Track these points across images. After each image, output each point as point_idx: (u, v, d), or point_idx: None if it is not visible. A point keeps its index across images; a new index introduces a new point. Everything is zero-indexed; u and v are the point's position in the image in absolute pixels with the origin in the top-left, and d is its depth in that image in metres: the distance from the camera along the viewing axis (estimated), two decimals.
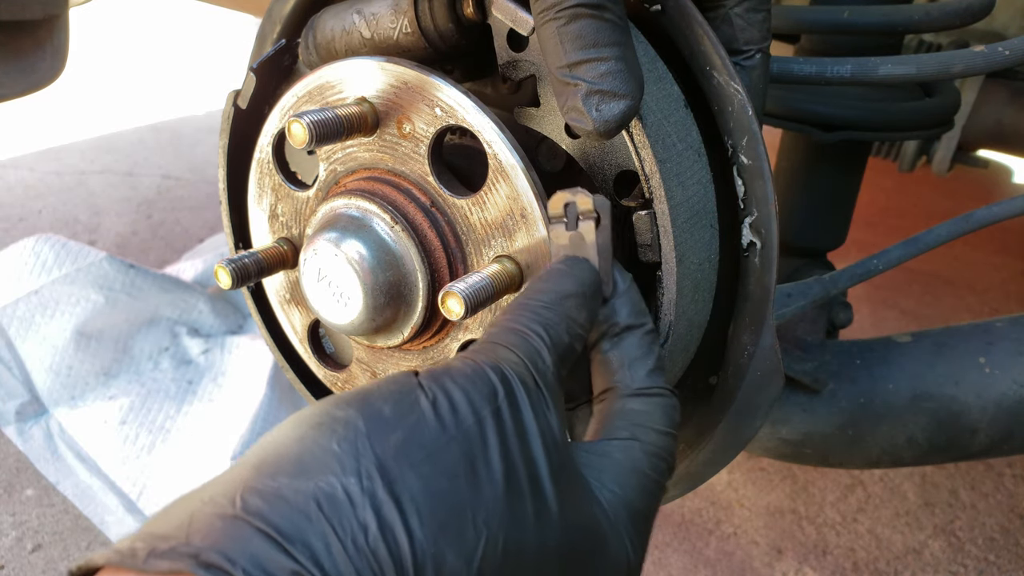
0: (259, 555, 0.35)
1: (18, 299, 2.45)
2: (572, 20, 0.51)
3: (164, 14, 8.06)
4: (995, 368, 1.11)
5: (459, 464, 0.42)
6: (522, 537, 0.43)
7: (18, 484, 2.16)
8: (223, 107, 0.76)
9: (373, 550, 0.37)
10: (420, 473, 0.40)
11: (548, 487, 0.45)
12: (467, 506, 0.41)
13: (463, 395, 0.45)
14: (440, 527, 0.39)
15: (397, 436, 0.42)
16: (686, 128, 0.64)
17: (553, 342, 0.51)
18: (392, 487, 0.39)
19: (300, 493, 0.38)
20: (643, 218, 0.59)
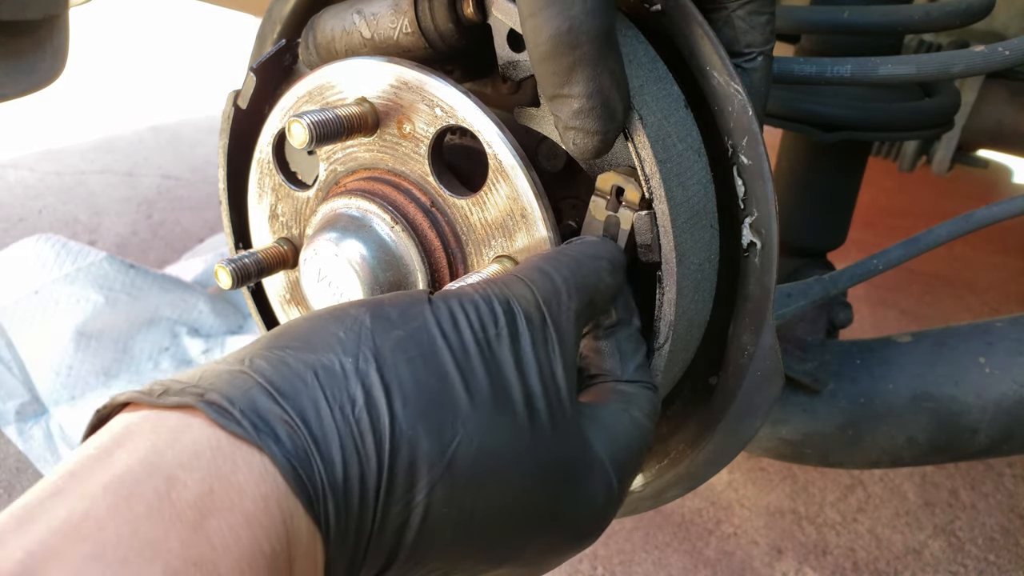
0: (256, 402, 0.40)
1: (18, 299, 2.45)
2: (550, 58, 0.53)
3: (164, 14, 8.06)
4: (995, 368, 1.11)
5: (449, 369, 0.45)
6: (498, 446, 0.46)
7: (18, 484, 2.16)
8: (223, 107, 0.76)
9: (357, 419, 0.41)
10: (412, 367, 0.44)
11: (534, 411, 0.48)
12: (449, 405, 0.44)
13: (464, 315, 0.48)
14: (420, 415, 0.43)
15: (398, 333, 0.46)
16: (686, 128, 0.64)
17: (577, 290, 0.53)
18: (383, 372, 0.43)
19: (301, 362, 0.42)
20: (643, 218, 0.59)
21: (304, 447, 0.39)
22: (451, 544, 0.45)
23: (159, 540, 0.33)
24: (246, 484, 0.37)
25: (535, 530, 0.49)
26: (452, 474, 0.43)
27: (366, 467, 0.40)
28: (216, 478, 0.36)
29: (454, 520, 0.44)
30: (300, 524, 0.38)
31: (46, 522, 0.33)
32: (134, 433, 0.38)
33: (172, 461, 0.36)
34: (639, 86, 0.61)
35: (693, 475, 0.75)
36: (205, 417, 0.38)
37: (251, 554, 0.35)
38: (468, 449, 0.44)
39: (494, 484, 0.46)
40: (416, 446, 0.42)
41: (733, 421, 0.70)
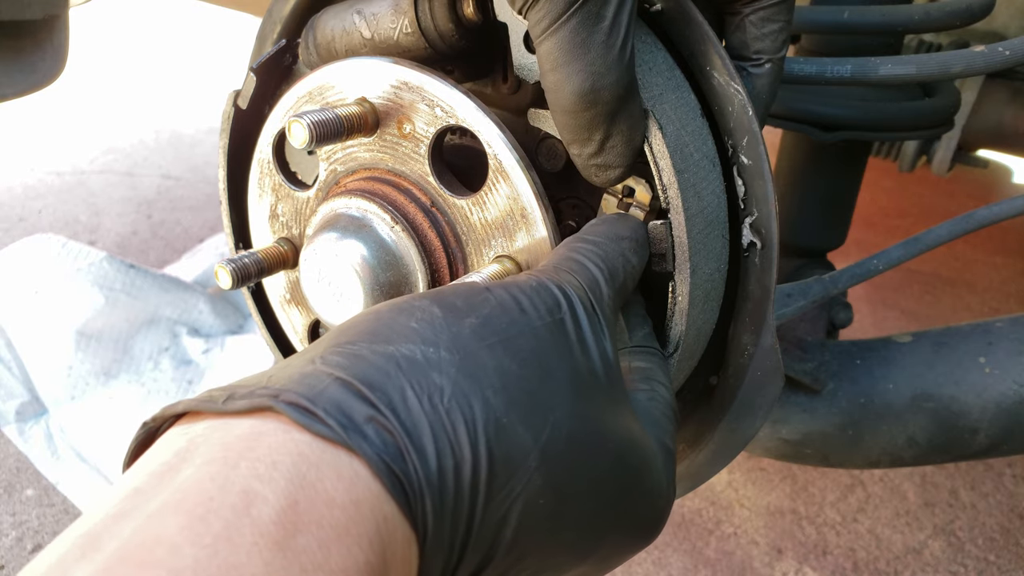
0: (338, 399, 0.36)
1: (18, 299, 2.45)
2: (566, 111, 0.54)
3: (164, 14, 8.06)
4: (995, 368, 1.11)
5: (529, 354, 0.44)
6: (582, 431, 0.44)
7: (18, 484, 2.16)
8: (223, 107, 0.76)
9: (447, 409, 0.38)
10: (494, 353, 0.42)
11: (604, 394, 0.47)
12: (536, 390, 0.42)
13: (529, 300, 0.47)
14: (511, 403, 0.41)
15: (471, 320, 0.43)
16: (702, 137, 0.64)
17: (611, 274, 0.53)
18: (468, 359, 0.41)
19: (379, 354, 0.39)
20: (659, 228, 0.59)
21: (396, 443, 0.36)
22: (546, 538, 0.43)
23: (241, 564, 0.29)
24: (335, 492, 0.33)
25: (613, 519, 0.48)
26: (547, 463, 0.41)
27: (460, 460, 0.37)
28: (300, 488, 0.32)
29: (550, 511, 0.42)
30: (396, 529, 0.35)
31: (113, 549, 0.29)
32: (200, 445, 0.34)
33: (247, 473, 0.32)
34: (659, 94, 0.61)
35: (693, 475, 0.75)
36: (281, 420, 0.35)
37: (344, 570, 0.32)
38: (559, 435, 0.43)
39: (582, 470, 0.44)
40: (512, 435, 0.40)
41: (733, 421, 0.70)
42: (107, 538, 0.30)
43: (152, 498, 0.31)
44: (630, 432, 0.49)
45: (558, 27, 0.51)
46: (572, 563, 0.47)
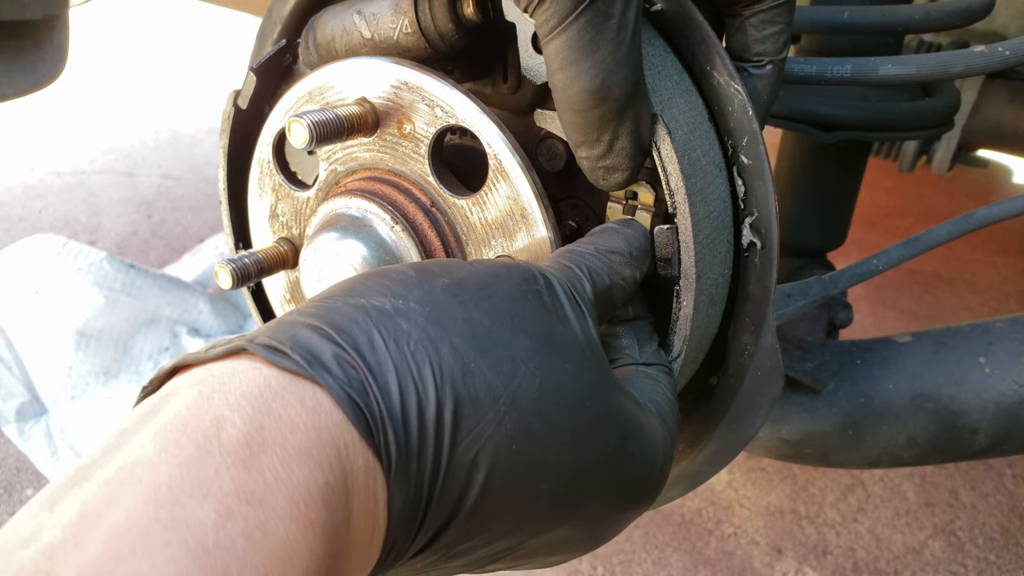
0: (306, 340, 0.39)
1: (18, 299, 2.45)
2: (574, 110, 0.54)
3: (164, 14, 8.06)
4: (995, 368, 1.11)
5: (501, 312, 0.45)
6: (560, 384, 0.45)
7: (18, 484, 2.16)
8: (223, 107, 0.76)
9: (412, 352, 0.40)
10: (465, 307, 0.44)
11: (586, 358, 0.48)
12: (507, 343, 0.44)
13: (506, 270, 0.48)
14: (479, 350, 0.42)
15: (444, 280, 0.46)
16: (710, 142, 0.64)
17: (592, 278, 0.54)
18: (436, 310, 0.43)
19: (350, 305, 0.42)
20: (665, 232, 0.59)
21: (359, 377, 0.38)
22: (523, 487, 0.43)
23: (210, 479, 0.32)
24: (298, 418, 0.36)
25: (599, 481, 0.48)
26: (518, 408, 0.42)
27: (424, 398, 0.39)
28: (266, 415, 0.35)
29: (526, 461, 0.43)
30: (358, 456, 0.37)
31: (100, 475, 0.33)
32: (181, 387, 0.37)
33: (219, 402, 0.36)
34: (667, 99, 0.61)
35: (693, 475, 0.75)
36: (254, 359, 0.38)
37: (305, 488, 0.34)
38: (531, 383, 0.43)
39: (560, 422, 0.44)
40: (479, 378, 0.41)
41: (733, 421, 0.70)
42: (94, 468, 0.34)
43: (136, 432, 0.35)
44: (618, 397, 0.49)
45: (567, 26, 0.51)
46: (553, 519, 0.47)
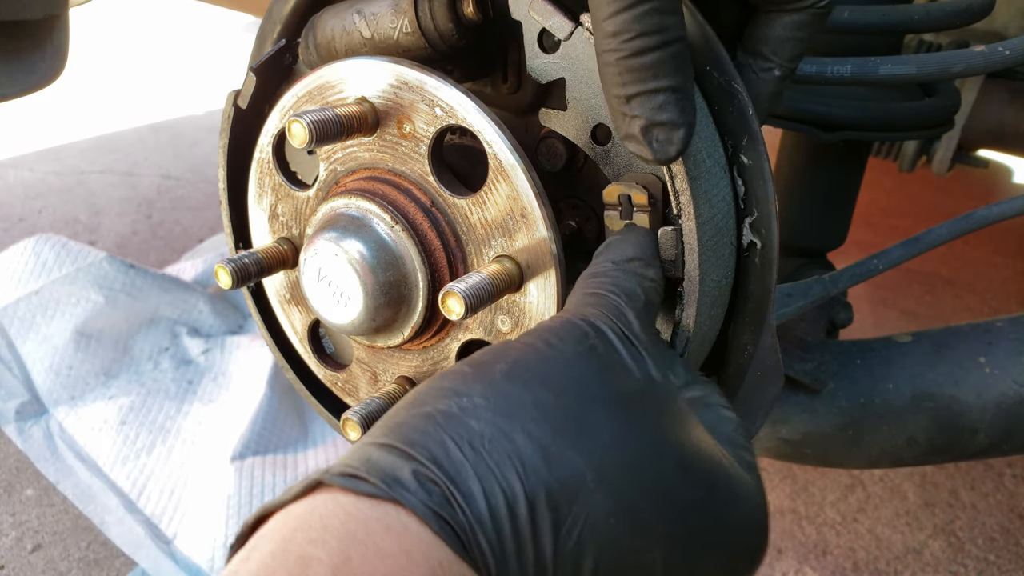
0: (381, 461, 0.38)
1: (19, 299, 2.45)
2: (633, 55, 0.50)
3: (164, 14, 8.06)
4: (995, 368, 1.11)
5: (565, 382, 0.44)
6: (645, 446, 0.43)
7: (18, 484, 2.16)
8: (223, 107, 0.76)
9: (489, 450, 0.39)
10: (529, 388, 0.43)
11: (660, 414, 0.46)
12: (580, 415, 0.42)
13: (556, 336, 0.47)
14: (556, 431, 0.41)
15: (501, 367, 0.44)
16: (714, 144, 0.63)
17: (629, 298, 0.53)
18: (502, 400, 0.41)
19: (416, 416, 0.41)
20: (669, 234, 0.59)
21: (440, 491, 0.37)
22: (631, 561, 0.42)
23: None
24: (384, 544, 0.34)
25: (705, 536, 0.46)
26: (607, 480, 0.41)
27: (512, 497, 0.38)
28: (351, 545, 0.34)
29: (628, 532, 0.41)
30: (455, 573, 0.36)
31: None
32: (264, 536, 0.36)
33: (302, 541, 0.34)
34: None
35: None
36: (332, 491, 0.37)
37: None
38: (615, 453, 0.42)
39: (652, 485, 0.43)
40: (560, 460, 0.40)
41: None
42: None
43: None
44: (703, 447, 0.48)
45: None
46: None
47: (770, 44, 0.64)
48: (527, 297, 0.62)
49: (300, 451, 2.26)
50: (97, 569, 1.93)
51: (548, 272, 0.60)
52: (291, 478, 2.11)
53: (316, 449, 2.28)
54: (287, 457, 2.22)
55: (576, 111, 0.62)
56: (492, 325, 0.65)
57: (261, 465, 2.13)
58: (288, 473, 2.13)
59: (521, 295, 0.62)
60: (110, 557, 1.96)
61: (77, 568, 1.93)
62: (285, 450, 2.25)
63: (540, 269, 0.60)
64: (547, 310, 0.61)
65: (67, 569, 1.93)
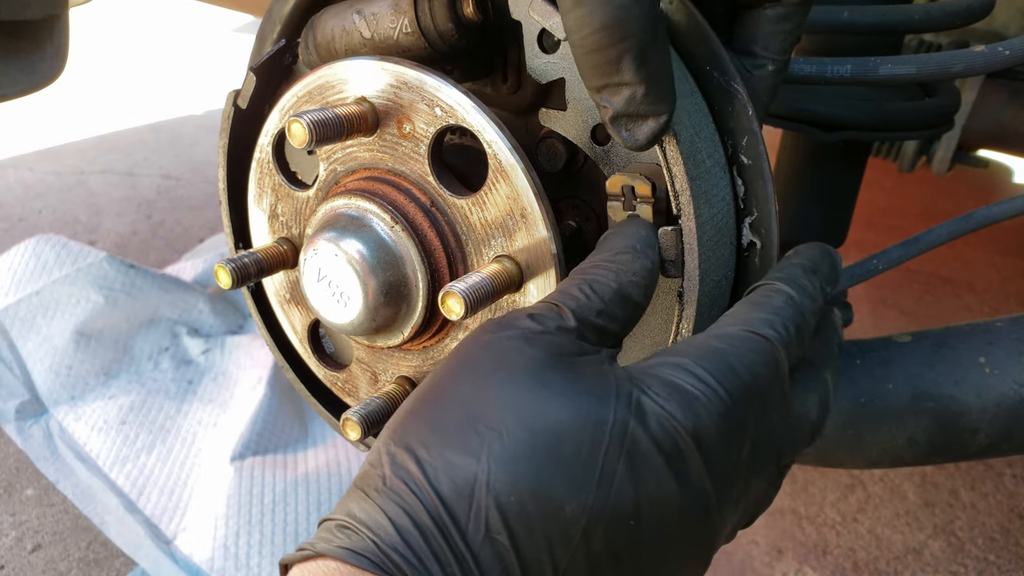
0: (317, 535, 0.48)
1: (20, 300, 2.45)
2: (592, 51, 0.52)
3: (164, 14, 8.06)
4: (995, 368, 1.11)
5: (451, 393, 0.49)
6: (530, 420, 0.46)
7: (18, 484, 2.16)
8: (223, 107, 0.76)
9: (390, 487, 0.47)
10: (421, 419, 0.49)
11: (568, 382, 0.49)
12: (466, 418, 0.47)
13: (458, 347, 0.52)
14: (444, 443, 0.47)
15: (406, 406, 0.51)
16: (715, 144, 0.63)
17: (595, 291, 0.54)
18: (401, 440, 0.48)
19: (353, 484, 0.50)
20: (669, 234, 0.59)
21: (354, 535, 0.46)
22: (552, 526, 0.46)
23: None
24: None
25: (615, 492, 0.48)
26: (500, 464, 0.45)
27: (414, 512, 0.45)
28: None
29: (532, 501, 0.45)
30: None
31: None
32: None
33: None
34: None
35: None
36: (295, 564, 0.47)
37: None
38: (506, 437, 0.46)
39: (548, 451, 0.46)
40: (449, 470, 0.45)
41: None
42: None
43: None
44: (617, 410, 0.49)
45: None
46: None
47: (759, 40, 0.65)
48: (527, 297, 0.62)
49: (300, 451, 2.26)
50: (97, 569, 1.93)
51: (548, 272, 0.60)
52: (291, 478, 2.11)
53: (316, 449, 2.28)
54: (287, 457, 2.22)
55: (576, 111, 0.62)
56: None
57: (261, 465, 2.13)
58: (288, 473, 2.13)
59: (521, 295, 0.62)
60: (110, 557, 1.96)
61: (77, 568, 1.93)
62: (285, 450, 2.25)
63: (540, 269, 0.60)
64: None
65: (67, 569, 1.93)
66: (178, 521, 2.03)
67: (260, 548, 1.93)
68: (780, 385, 0.54)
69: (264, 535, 1.95)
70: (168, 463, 2.20)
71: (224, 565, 1.89)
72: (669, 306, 0.63)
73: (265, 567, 1.90)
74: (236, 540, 1.94)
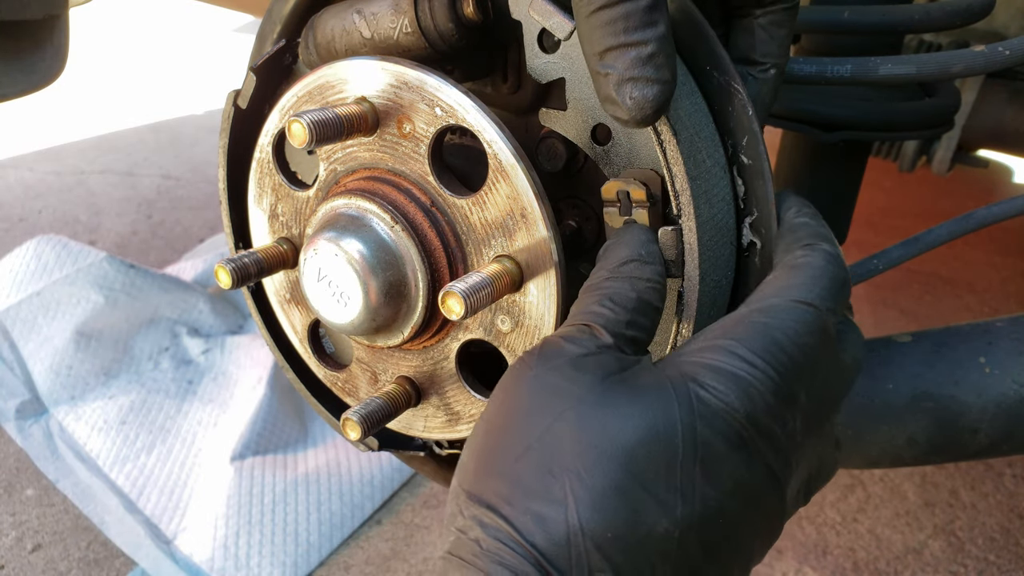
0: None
1: (21, 301, 2.45)
2: (603, 7, 0.51)
3: (164, 14, 8.06)
4: (995, 368, 1.11)
5: (515, 442, 0.49)
6: (602, 451, 0.47)
7: (18, 484, 2.16)
8: (223, 107, 0.76)
9: (488, 550, 0.46)
10: (492, 474, 0.49)
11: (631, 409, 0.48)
12: (538, 465, 0.47)
13: (503, 390, 0.52)
14: (526, 496, 0.47)
15: (471, 464, 0.51)
16: (715, 144, 0.63)
17: (617, 303, 0.54)
18: (480, 500, 0.49)
19: (441, 559, 0.49)
20: (669, 234, 0.59)
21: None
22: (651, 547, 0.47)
23: None
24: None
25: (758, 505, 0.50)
26: (588, 506, 0.46)
27: (522, 571, 0.45)
28: None
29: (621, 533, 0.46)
30: None
31: None
32: None
33: None
34: (673, 100, 0.60)
35: None
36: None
37: None
38: (585, 476, 0.46)
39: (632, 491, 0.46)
40: (541, 523, 0.46)
41: None
42: None
43: None
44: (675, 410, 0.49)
45: None
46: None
47: (758, 48, 0.66)
48: (527, 297, 0.62)
49: (300, 451, 2.26)
50: (97, 569, 1.93)
51: (548, 272, 0.60)
52: (291, 478, 2.11)
53: (316, 449, 2.28)
54: (287, 457, 2.22)
55: (576, 111, 0.62)
56: (492, 325, 0.65)
57: (261, 465, 2.13)
58: (288, 473, 2.13)
59: (521, 295, 0.62)
60: (110, 557, 1.96)
61: (77, 568, 1.93)
62: (285, 450, 2.25)
63: (540, 269, 0.60)
64: (547, 310, 0.61)
65: (67, 569, 1.93)
66: (178, 521, 2.03)
67: (260, 548, 1.93)
68: (829, 348, 0.54)
69: (264, 535, 1.95)
70: (168, 463, 2.20)
71: (224, 565, 1.89)
72: (669, 306, 0.63)
73: (265, 567, 1.90)
74: (236, 540, 1.94)
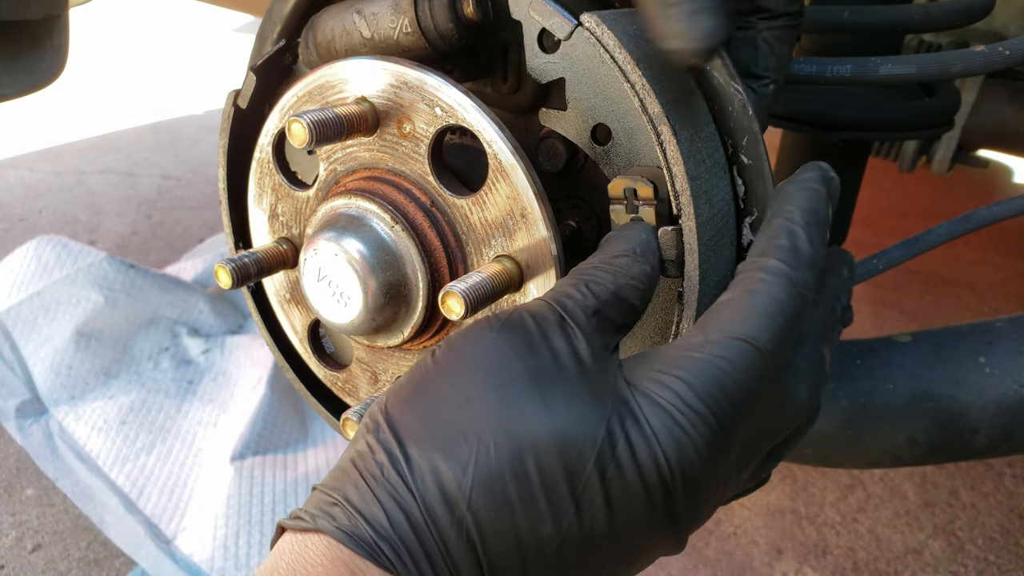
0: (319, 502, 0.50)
1: (22, 301, 2.46)
2: None
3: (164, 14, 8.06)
4: (995, 368, 1.11)
5: (448, 391, 0.50)
6: (519, 436, 0.47)
7: (18, 484, 2.16)
8: (223, 107, 0.76)
9: (387, 478, 0.48)
10: (414, 411, 0.50)
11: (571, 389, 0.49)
12: (458, 424, 0.49)
13: (460, 338, 0.52)
14: (435, 446, 0.48)
15: (404, 392, 0.52)
16: (715, 144, 0.63)
17: (592, 291, 0.54)
18: (395, 429, 0.50)
19: (345, 459, 0.52)
20: (669, 234, 0.59)
21: (351, 519, 0.48)
22: (527, 541, 0.47)
23: None
24: (316, 556, 0.48)
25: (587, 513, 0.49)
26: (483, 481, 0.47)
27: (408, 509, 0.47)
28: (297, 562, 0.48)
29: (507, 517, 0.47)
30: (367, 570, 0.47)
31: None
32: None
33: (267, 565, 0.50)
34: (672, 100, 0.60)
35: None
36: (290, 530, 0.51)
37: None
38: (487, 455, 0.47)
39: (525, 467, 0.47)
40: (438, 472, 0.47)
41: None
42: None
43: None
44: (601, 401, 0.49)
45: None
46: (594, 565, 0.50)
47: (759, 62, 0.67)
48: (527, 297, 0.62)
49: (300, 451, 2.26)
50: (97, 569, 1.93)
51: (548, 272, 0.60)
52: (291, 478, 2.11)
53: (316, 449, 2.28)
54: (287, 457, 2.22)
55: (576, 111, 0.62)
56: None
57: (261, 465, 2.13)
58: (288, 473, 2.13)
59: (521, 295, 0.62)
60: (110, 557, 1.96)
61: (77, 568, 1.93)
62: (285, 450, 2.25)
63: (540, 269, 0.60)
64: None
65: (67, 569, 1.93)
66: (178, 521, 2.03)
67: (260, 548, 1.93)
68: (774, 392, 0.53)
69: (264, 535, 1.95)
70: (168, 463, 2.20)
71: (224, 565, 1.89)
72: (669, 306, 0.63)
73: None
74: (236, 540, 1.94)
